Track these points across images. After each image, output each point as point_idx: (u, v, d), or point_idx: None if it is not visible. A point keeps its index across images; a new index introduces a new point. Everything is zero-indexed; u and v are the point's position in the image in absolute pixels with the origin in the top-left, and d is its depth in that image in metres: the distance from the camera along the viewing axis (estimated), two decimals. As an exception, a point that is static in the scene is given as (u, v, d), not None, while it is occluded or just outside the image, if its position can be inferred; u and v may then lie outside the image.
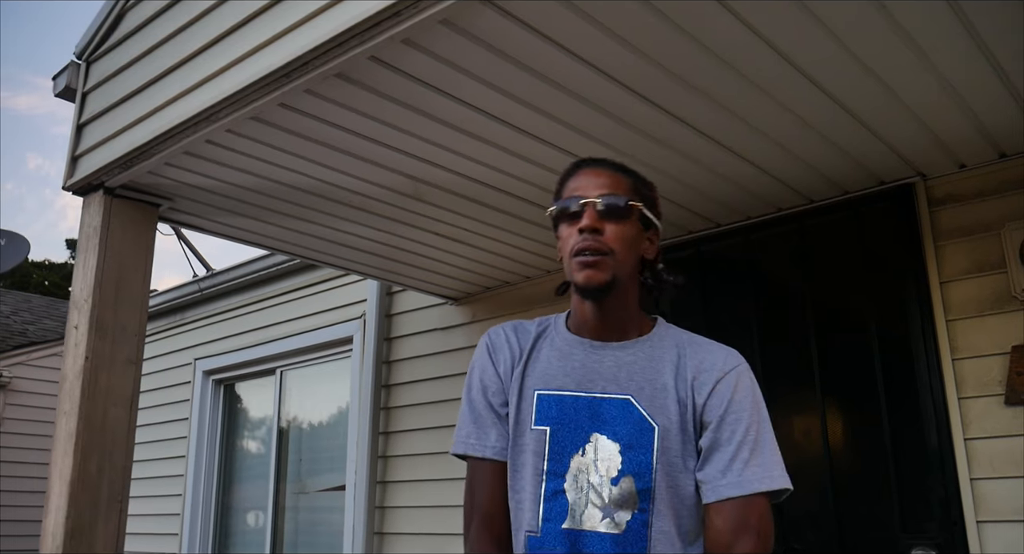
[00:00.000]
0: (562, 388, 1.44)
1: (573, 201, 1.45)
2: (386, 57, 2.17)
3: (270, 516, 5.33)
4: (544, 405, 1.43)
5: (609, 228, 1.42)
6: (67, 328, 2.94)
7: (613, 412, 1.40)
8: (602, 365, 1.44)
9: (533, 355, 1.49)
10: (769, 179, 3.01)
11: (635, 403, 1.40)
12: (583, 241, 1.40)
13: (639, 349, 1.46)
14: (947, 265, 2.91)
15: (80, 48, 3.20)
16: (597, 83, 2.32)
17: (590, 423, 1.41)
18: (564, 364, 1.46)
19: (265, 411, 5.63)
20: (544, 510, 1.39)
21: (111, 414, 2.85)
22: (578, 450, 1.40)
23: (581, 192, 1.46)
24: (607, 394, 1.42)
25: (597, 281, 1.39)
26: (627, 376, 1.42)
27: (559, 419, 1.42)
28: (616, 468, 1.37)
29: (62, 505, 2.72)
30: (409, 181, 2.96)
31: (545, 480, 1.40)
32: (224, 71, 2.44)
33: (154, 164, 2.79)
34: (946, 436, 2.78)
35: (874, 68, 2.27)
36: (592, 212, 1.42)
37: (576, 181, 1.49)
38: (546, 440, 1.41)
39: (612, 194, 1.44)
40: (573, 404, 1.42)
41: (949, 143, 2.76)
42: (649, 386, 1.41)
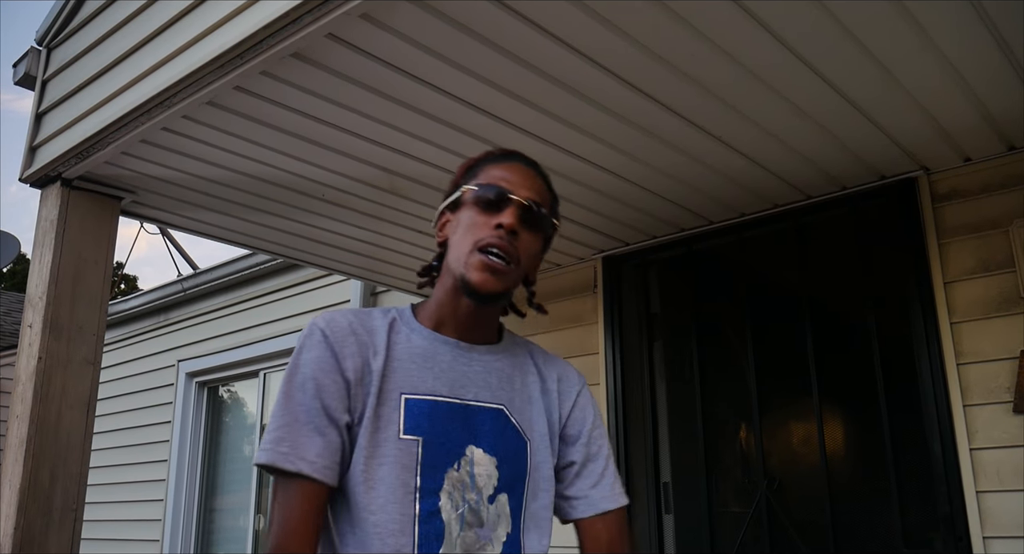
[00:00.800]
0: (434, 393, 1.24)
1: (500, 192, 1.27)
2: (344, 34, 2.01)
3: (252, 521, 5.18)
4: (414, 411, 1.21)
5: (524, 235, 1.27)
6: (21, 327, 2.79)
7: (487, 422, 1.26)
8: (471, 369, 1.29)
9: (391, 350, 1.25)
10: (763, 173, 2.85)
11: (508, 414, 1.29)
12: (497, 238, 1.24)
13: (502, 355, 1.34)
14: (951, 264, 2.74)
15: (40, 34, 3.05)
16: (580, 68, 2.17)
17: (464, 434, 1.23)
18: (430, 365, 1.26)
19: (249, 414, 5.47)
20: (420, 534, 1.17)
21: (66, 418, 2.69)
22: (453, 464, 1.21)
23: (509, 186, 1.28)
24: (480, 402, 1.27)
25: (493, 288, 1.24)
26: (498, 383, 1.30)
27: (432, 429, 1.21)
28: (493, 485, 1.24)
29: (11, 514, 2.56)
30: (384, 174, 2.81)
31: (418, 498, 1.18)
32: (177, 54, 2.28)
33: (110, 154, 2.63)
34: (950, 446, 2.61)
35: (874, 51, 2.12)
36: (517, 212, 1.26)
37: (503, 171, 1.31)
38: (418, 452, 1.19)
39: (539, 203, 1.29)
40: (447, 411, 1.23)
41: (954, 134, 2.60)
42: (518, 396, 1.32)
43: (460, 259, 1.25)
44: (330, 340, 1.21)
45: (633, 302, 3.59)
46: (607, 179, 2.86)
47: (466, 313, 1.29)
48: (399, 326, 1.29)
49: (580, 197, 3.01)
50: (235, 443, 5.68)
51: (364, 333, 1.25)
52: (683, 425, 3.41)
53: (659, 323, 3.57)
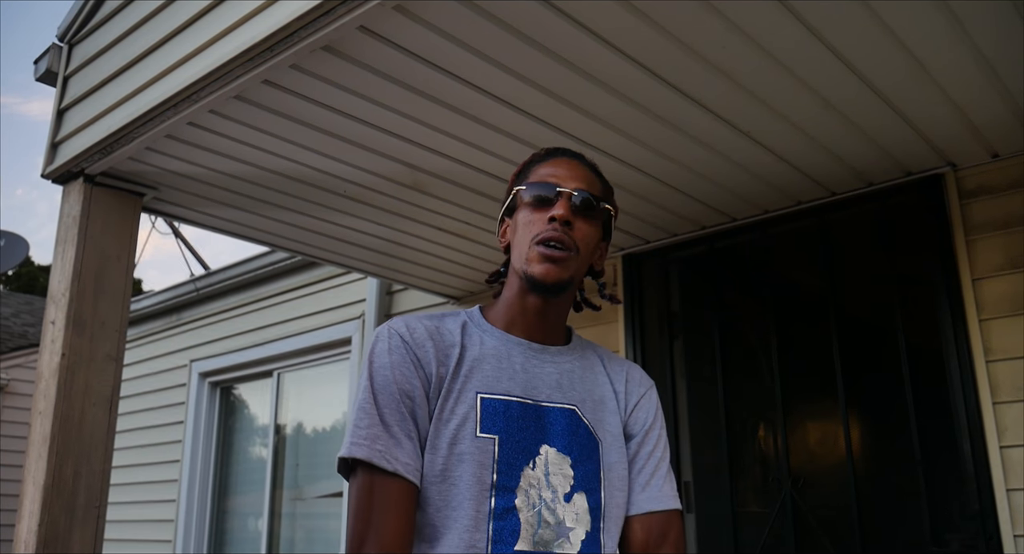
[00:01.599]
0: (508, 393, 1.27)
1: (548, 187, 1.33)
2: (377, 27, 2.00)
3: (266, 522, 5.16)
4: (490, 411, 1.24)
5: (579, 225, 1.31)
6: (44, 324, 2.78)
7: (561, 422, 1.28)
8: (543, 370, 1.32)
9: (465, 353, 1.29)
10: (789, 169, 2.83)
11: (580, 414, 1.31)
12: (552, 231, 1.28)
13: (573, 357, 1.37)
14: (979, 261, 2.72)
15: (62, 30, 3.05)
16: (610, 61, 2.15)
17: (538, 433, 1.26)
18: (504, 365, 1.30)
19: (262, 414, 5.46)
20: (494, 530, 1.20)
21: (89, 414, 2.68)
22: (528, 462, 1.24)
23: (557, 181, 1.33)
24: (552, 403, 1.30)
25: (556, 277, 1.28)
26: (569, 384, 1.33)
27: (507, 427, 1.24)
28: (569, 483, 1.26)
29: (35, 511, 2.55)
30: (408, 170, 2.80)
31: (494, 495, 1.21)
32: (206, 47, 2.27)
33: (135, 149, 2.62)
34: (980, 443, 2.59)
35: (908, 44, 2.10)
36: (568, 203, 1.31)
37: (550, 168, 1.37)
38: (494, 450, 1.23)
39: (588, 191, 1.33)
40: (520, 412, 1.26)
41: (983, 130, 2.58)
42: (589, 397, 1.34)
43: (521, 256, 1.31)
44: (411, 346, 1.26)
45: (654, 300, 3.57)
46: (631, 175, 2.84)
47: (534, 312, 1.33)
48: (471, 328, 1.33)
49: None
50: (248, 444, 5.67)
51: (440, 337, 1.29)
52: (704, 424, 3.39)
53: (680, 321, 3.55)
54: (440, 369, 1.26)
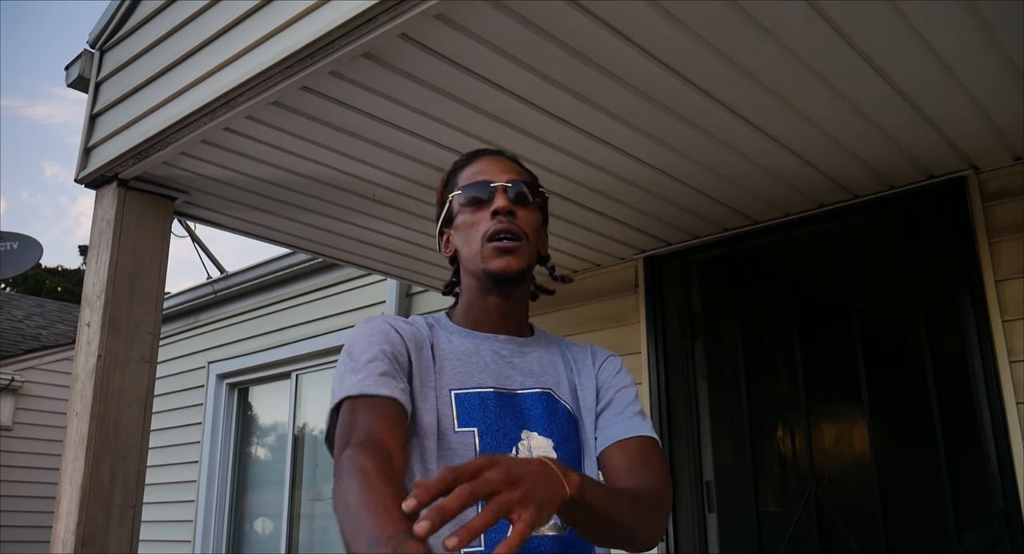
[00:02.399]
0: (481, 385, 1.30)
1: (483, 185, 1.36)
2: (417, 35, 2.04)
3: (285, 523, 5.20)
4: (465, 405, 1.28)
5: (521, 213, 1.35)
6: (79, 326, 2.82)
7: (538, 407, 1.32)
8: (513, 360, 1.36)
9: (435, 350, 1.33)
10: (812, 171, 2.87)
11: (555, 396, 1.35)
12: (499, 223, 1.32)
13: (539, 345, 1.42)
14: (1003, 263, 2.76)
15: (94, 36, 3.09)
16: (644, 66, 2.19)
17: (517, 420, 1.29)
18: (474, 360, 1.33)
19: (280, 416, 5.50)
20: None
21: (125, 415, 2.72)
22: (511, 449, 1.27)
23: (487, 177, 1.37)
24: (526, 389, 1.34)
25: (517, 267, 1.32)
26: (540, 370, 1.37)
27: (485, 418, 1.28)
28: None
29: (73, 511, 2.59)
30: (436, 173, 2.83)
31: None
32: (244, 53, 2.31)
33: (170, 154, 2.67)
34: (1004, 445, 2.62)
35: (937, 48, 2.14)
36: (505, 195, 1.35)
37: (476, 168, 1.41)
38: (475, 442, 1.26)
39: (519, 180, 1.38)
40: (496, 402, 1.29)
41: (1007, 132, 2.62)
42: (561, 379, 1.39)
43: (475, 257, 1.34)
44: (391, 323, 1.32)
45: (675, 302, 3.60)
46: (653, 176, 2.88)
47: (497, 310, 1.37)
48: (438, 330, 1.37)
49: (625, 195, 3.03)
50: (266, 445, 5.71)
51: (411, 332, 1.33)
52: (725, 425, 3.42)
53: (701, 323, 3.58)
54: (418, 353, 1.30)
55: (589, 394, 1.39)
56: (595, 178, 2.88)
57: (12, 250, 9.38)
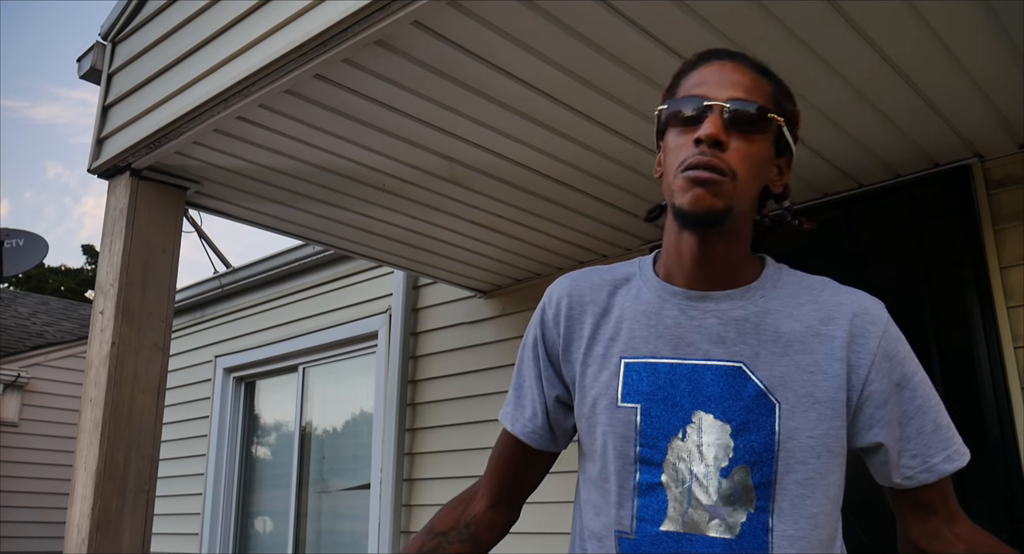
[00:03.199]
0: (655, 354, 1.12)
1: (693, 101, 1.11)
2: (430, 22, 2.07)
3: (292, 515, 5.23)
4: (633, 377, 1.12)
5: (735, 143, 1.09)
6: (92, 314, 2.85)
7: (720, 384, 1.10)
8: (703, 322, 1.13)
9: (611, 313, 1.17)
10: (818, 161, 2.89)
11: (748, 372, 1.10)
12: (699, 154, 1.07)
13: (750, 301, 1.14)
14: (1007, 250, 2.78)
15: (105, 28, 3.12)
16: (654, 54, 2.21)
17: (691, 398, 1.10)
18: (654, 322, 1.14)
19: (287, 409, 5.53)
20: (638, 507, 1.10)
21: (138, 402, 2.75)
22: (677, 433, 1.10)
23: (705, 91, 1.11)
24: (711, 360, 1.11)
25: (707, 206, 1.06)
26: (737, 336, 1.12)
27: (652, 394, 1.11)
28: (727, 456, 1.08)
29: (88, 495, 2.62)
30: (446, 163, 2.86)
31: (637, 470, 1.10)
32: (258, 42, 2.34)
33: (182, 143, 2.70)
34: (1009, 430, 2.65)
35: (941, 34, 2.16)
36: (717, 119, 1.08)
37: (701, 75, 1.14)
38: (636, 420, 1.11)
39: (746, 100, 1.10)
40: (669, 374, 1.11)
41: (1012, 120, 2.64)
42: (766, 349, 1.11)
43: (669, 188, 1.12)
44: (547, 312, 1.25)
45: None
46: (664, 168, 2.91)
47: (691, 254, 1.13)
48: (634, 280, 1.20)
49: (636, 186, 3.06)
50: (273, 438, 5.74)
51: (592, 294, 1.21)
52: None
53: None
54: (581, 331, 1.19)
55: (809, 374, 1.11)
56: (603, 167, 2.91)
57: (18, 247, 9.42)
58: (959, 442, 1.19)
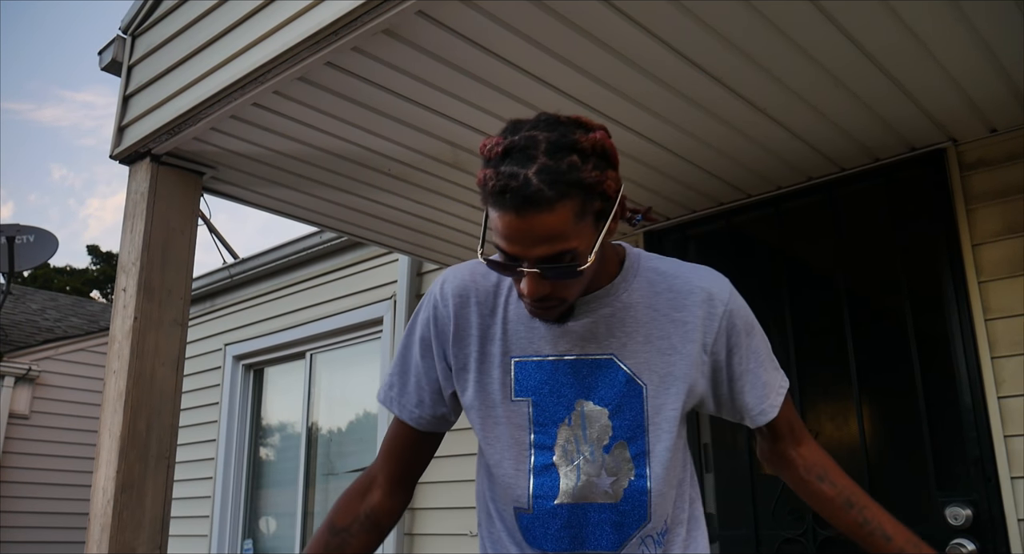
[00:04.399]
0: (539, 353, 1.29)
1: (511, 263, 1.16)
2: (434, 12, 2.23)
3: (300, 498, 5.40)
4: (523, 374, 1.29)
5: (557, 285, 1.17)
6: (115, 292, 3.02)
7: (596, 374, 1.28)
8: (577, 323, 1.28)
9: (496, 314, 1.32)
10: (801, 144, 3.05)
11: (618, 362, 1.28)
12: (530, 306, 1.22)
13: (614, 297, 1.29)
14: (979, 228, 2.94)
15: (125, 23, 3.29)
16: (642, 42, 2.37)
17: (574, 389, 1.28)
18: (535, 325, 1.29)
19: (295, 394, 5.70)
20: (534, 486, 1.28)
21: (159, 373, 2.92)
22: (564, 419, 1.28)
23: (516, 248, 1.13)
24: (587, 355, 1.28)
25: (555, 318, 1.27)
26: (606, 331, 1.28)
27: (540, 388, 1.29)
28: (607, 435, 1.27)
29: (112, 460, 2.79)
30: (449, 148, 3.03)
31: (532, 454, 1.28)
32: (273, 32, 2.51)
33: (200, 129, 2.86)
34: (979, 395, 2.81)
35: (911, 24, 2.32)
36: (533, 281, 1.15)
37: (506, 226, 1.12)
38: (529, 412, 1.29)
39: (555, 253, 1.13)
40: (553, 370, 1.28)
41: (982, 106, 2.80)
42: (631, 339, 1.28)
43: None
44: (438, 308, 1.34)
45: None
46: (656, 152, 3.07)
47: None
48: (508, 286, 1.33)
49: (630, 172, 3.22)
50: (282, 422, 5.91)
51: (480, 295, 1.33)
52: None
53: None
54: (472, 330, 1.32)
55: (667, 356, 1.29)
56: (597, 152, 3.07)
57: (29, 243, 9.60)
58: (783, 379, 1.45)
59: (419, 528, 4.49)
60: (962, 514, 2.74)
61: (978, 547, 2.71)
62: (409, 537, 4.51)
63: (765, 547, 3.25)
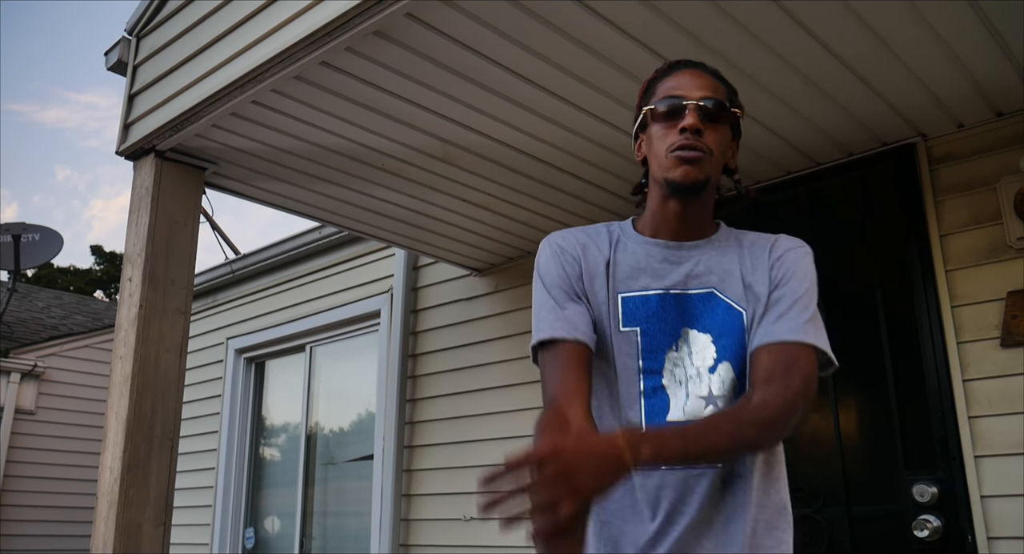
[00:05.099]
0: (646, 288, 1.48)
1: (675, 100, 1.47)
2: (421, 14, 2.37)
3: (300, 488, 5.54)
4: (630, 307, 1.47)
5: (709, 130, 1.46)
6: (121, 281, 3.16)
7: (699, 306, 1.47)
8: (682, 264, 1.50)
9: (609, 257, 1.51)
10: (778, 140, 3.19)
11: (719, 294, 1.47)
12: (685, 139, 1.44)
13: (710, 246, 1.53)
14: (946, 219, 3.08)
15: (130, 25, 3.44)
16: (620, 43, 2.51)
17: (678, 319, 1.45)
18: (644, 266, 1.50)
19: (295, 385, 5.84)
20: (646, 406, 1.41)
21: (163, 359, 3.06)
22: (671, 345, 1.44)
23: (682, 92, 1.48)
24: (690, 290, 1.48)
25: (694, 178, 1.44)
26: (707, 270, 1.49)
27: (647, 318, 1.45)
28: (712, 357, 1.43)
29: (119, 441, 2.93)
30: (439, 143, 3.16)
31: (642, 378, 1.43)
32: (271, 33, 2.65)
33: (203, 126, 3.00)
34: (945, 378, 2.95)
35: (870, 23, 2.45)
36: (695, 113, 1.45)
37: (674, 81, 1.51)
38: (637, 340, 1.45)
39: (713, 98, 1.48)
40: (659, 303, 1.47)
41: (947, 102, 2.93)
42: (728, 277, 1.49)
43: (660, 166, 1.48)
44: (563, 247, 1.52)
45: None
46: (637, 147, 3.20)
47: (675, 215, 1.50)
48: (621, 238, 1.55)
49: (613, 165, 3.36)
50: (282, 413, 6.05)
51: (593, 242, 1.53)
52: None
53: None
54: (593, 264, 1.50)
55: (762, 290, 1.46)
56: (584, 148, 3.21)
57: (34, 242, 9.75)
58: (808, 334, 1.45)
59: (414, 514, 4.63)
60: (928, 491, 2.88)
61: (943, 523, 2.85)
62: (405, 523, 4.65)
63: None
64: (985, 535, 2.76)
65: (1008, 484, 2.77)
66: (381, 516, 4.67)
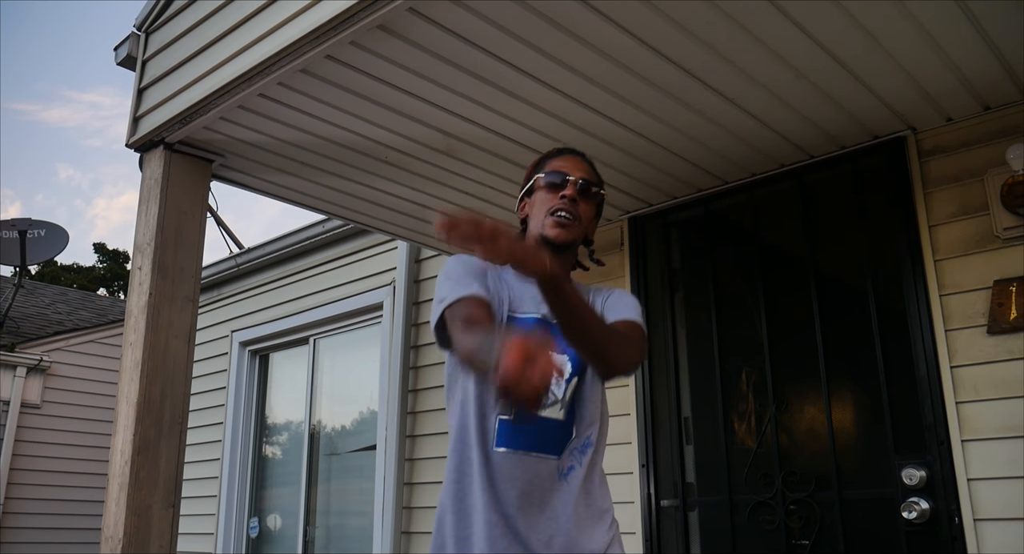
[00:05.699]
0: (527, 312, 1.84)
1: (561, 175, 1.88)
2: (423, 9, 2.45)
3: (304, 479, 5.62)
4: (517, 325, 1.80)
5: (581, 203, 1.87)
6: (131, 271, 3.24)
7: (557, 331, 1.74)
8: None
9: (503, 283, 1.85)
10: (771, 133, 3.27)
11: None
12: (563, 205, 1.84)
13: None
14: (935, 210, 3.16)
15: (139, 21, 3.52)
16: (617, 37, 2.59)
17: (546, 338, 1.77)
18: (527, 296, 1.83)
19: (299, 377, 5.93)
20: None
21: (172, 345, 3.14)
22: None
23: (566, 171, 1.89)
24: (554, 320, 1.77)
25: (564, 238, 1.84)
26: None
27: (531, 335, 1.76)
28: (568, 372, 1.80)
29: (130, 425, 3.01)
30: (441, 136, 3.25)
31: None
32: (277, 28, 2.73)
33: (210, 119, 3.08)
34: (934, 365, 3.02)
35: (860, 18, 2.53)
36: (574, 187, 1.87)
37: (561, 162, 1.93)
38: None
39: (588, 180, 1.90)
40: (536, 325, 1.82)
41: (936, 96, 3.01)
42: None
43: (539, 224, 1.86)
44: (471, 260, 1.80)
45: (656, 258, 4.01)
46: (634, 140, 3.29)
47: None
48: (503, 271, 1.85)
49: (611, 158, 3.44)
50: (286, 404, 6.14)
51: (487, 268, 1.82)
52: (701, 367, 3.82)
53: (679, 277, 3.99)
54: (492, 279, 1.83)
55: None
56: (582, 142, 3.28)
57: (39, 238, 9.85)
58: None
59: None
60: (917, 475, 2.95)
61: (931, 505, 2.93)
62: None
63: (739, 511, 3.46)
64: (972, 517, 2.84)
65: (993, 467, 2.84)
66: (384, 503, 4.76)
